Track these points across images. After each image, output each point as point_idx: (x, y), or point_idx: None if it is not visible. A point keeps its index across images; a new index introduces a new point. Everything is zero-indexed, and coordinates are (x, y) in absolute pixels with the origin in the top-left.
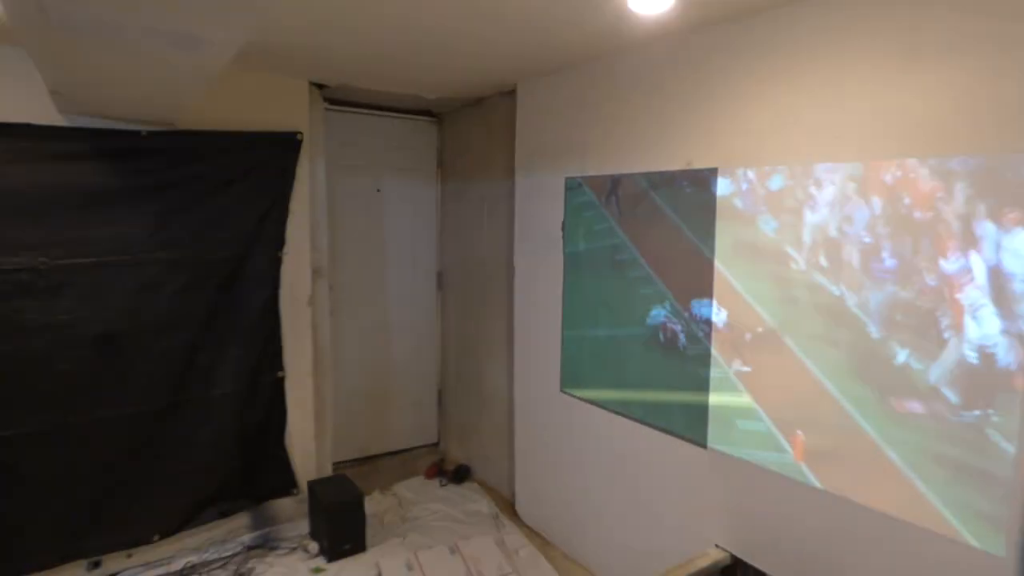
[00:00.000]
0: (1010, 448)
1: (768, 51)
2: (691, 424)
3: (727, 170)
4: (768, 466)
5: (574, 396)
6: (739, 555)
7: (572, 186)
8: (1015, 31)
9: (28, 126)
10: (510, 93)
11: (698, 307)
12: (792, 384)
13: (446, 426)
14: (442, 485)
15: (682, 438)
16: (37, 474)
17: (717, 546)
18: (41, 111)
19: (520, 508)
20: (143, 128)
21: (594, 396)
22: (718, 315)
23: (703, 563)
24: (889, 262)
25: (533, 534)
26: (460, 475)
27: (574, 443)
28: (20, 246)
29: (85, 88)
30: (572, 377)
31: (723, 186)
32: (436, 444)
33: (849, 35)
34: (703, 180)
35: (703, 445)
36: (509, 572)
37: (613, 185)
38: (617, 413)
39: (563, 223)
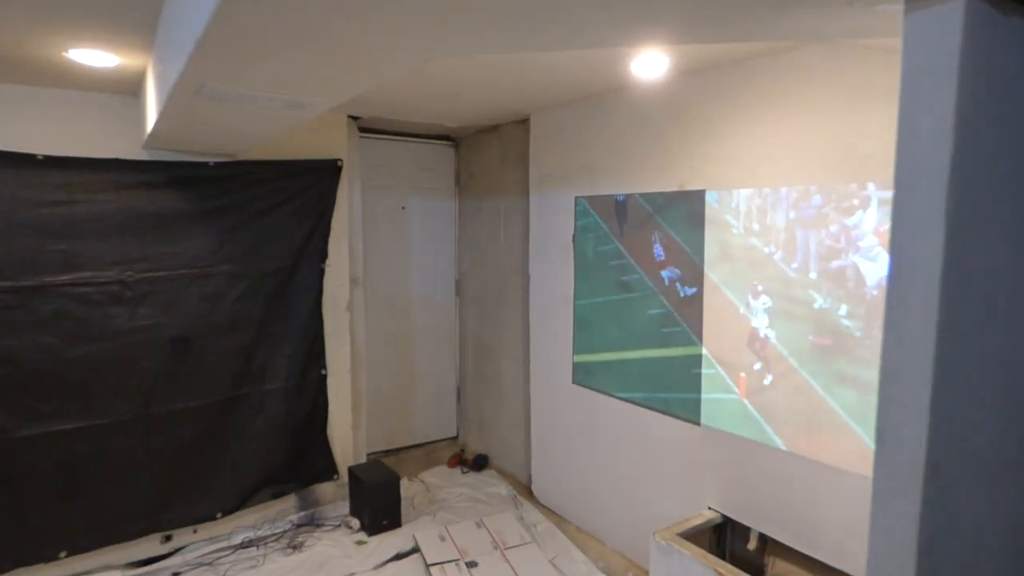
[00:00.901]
0: None
1: (745, 93)
2: (686, 406)
3: (712, 190)
4: (749, 435)
5: (585, 387)
6: (728, 514)
7: (581, 204)
8: None
9: (117, 160)
10: (523, 121)
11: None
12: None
13: (465, 420)
14: (464, 473)
15: (679, 418)
16: (124, 457)
17: (710, 508)
18: (126, 147)
19: (536, 490)
20: (210, 159)
21: (602, 368)
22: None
23: (697, 522)
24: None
25: (549, 512)
26: (480, 463)
27: (585, 429)
28: (110, 261)
29: (186, 133)
30: (583, 369)
31: (710, 200)
32: (455, 437)
33: (809, 83)
34: (694, 198)
35: (697, 423)
36: (529, 541)
37: (617, 204)
38: (622, 400)
39: (573, 236)
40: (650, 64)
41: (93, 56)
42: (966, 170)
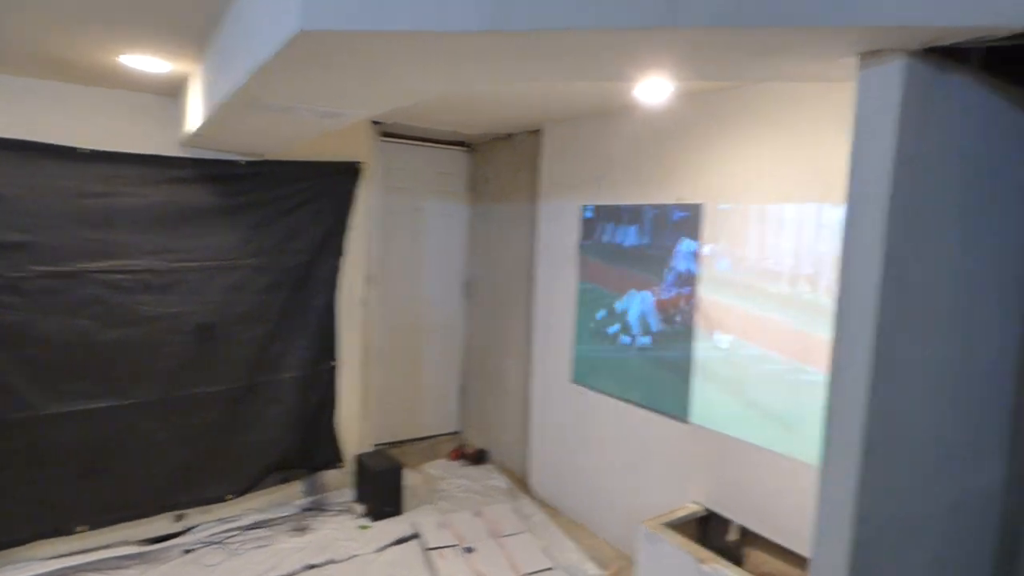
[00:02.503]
0: None
1: (740, 117)
2: (676, 404)
3: (708, 204)
4: (734, 433)
5: (583, 386)
6: (711, 507)
7: (588, 212)
8: None
9: (156, 157)
10: (535, 132)
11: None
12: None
13: (466, 416)
14: (464, 466)
15: (669, 416)
16: (145, 437)
17: (694, 502)
18: (163, 144)
19: (533, 483)
20: (241, 158)
21: (599, 383)
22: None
23: (681, 513)
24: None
25: (544, 505)
26: (479, 458)
27: (581, 426)
28: (143, 251)
29: (225, 135)
30: (582, 370)
31: (706, 211)
32: (457, 432)
33: (798, 109)
34: (691, 209)
35: (685, 421)
36: (524, 530)
37: (619, 213)
38: (617, 398)
39: (579, 243)
40: (653, 89)
41: (145, 62)
42: (905, 199)
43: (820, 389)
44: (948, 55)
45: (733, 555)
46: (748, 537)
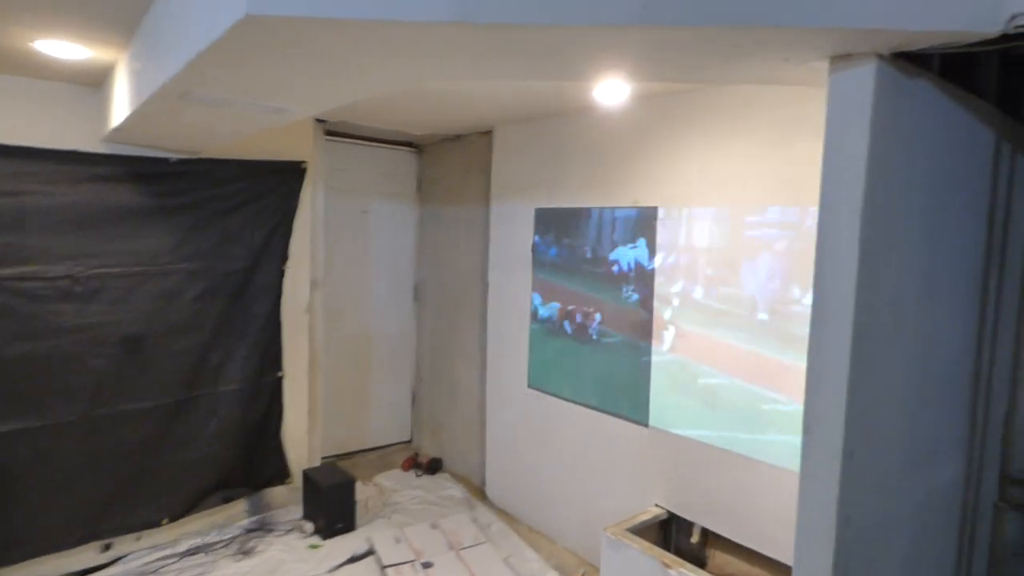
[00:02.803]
0: None
1: (693, 119)
2: (636, 408)
3: (663, 207)
4: (694, 435)
5: (540, 391)
6: (673, 510)
7: (541, 215)
8: None
9: (73, 152)
10: (486, 133)
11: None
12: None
13: (419, 423)
14: (418, 476)
15: (629, 420)
16: (62, 461)
17: (656, 505)
18: (83, 139)
19: (490, 492)
20: (172, 155)
21: (557, 372)
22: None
23: (644, 518)
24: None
25: (502, 513)
26: (434, 467)
27: (539, 432)
28: (62, 256)
29: (154, 129)
30: (539, 375)
31: (661, 215)
32: (409, 441)
33: (749, 113)
34: (646, 212)
35: (645, 424)
36: (484, 541)
37: (573, 215)
38: (576, 403)
39: (532, 246)
40: (611, 91)
41: (63, 48)
42: (877, 201)
43: (773, 403)
44: (911, 60)
45: (696, 557)
46: (710, 539)
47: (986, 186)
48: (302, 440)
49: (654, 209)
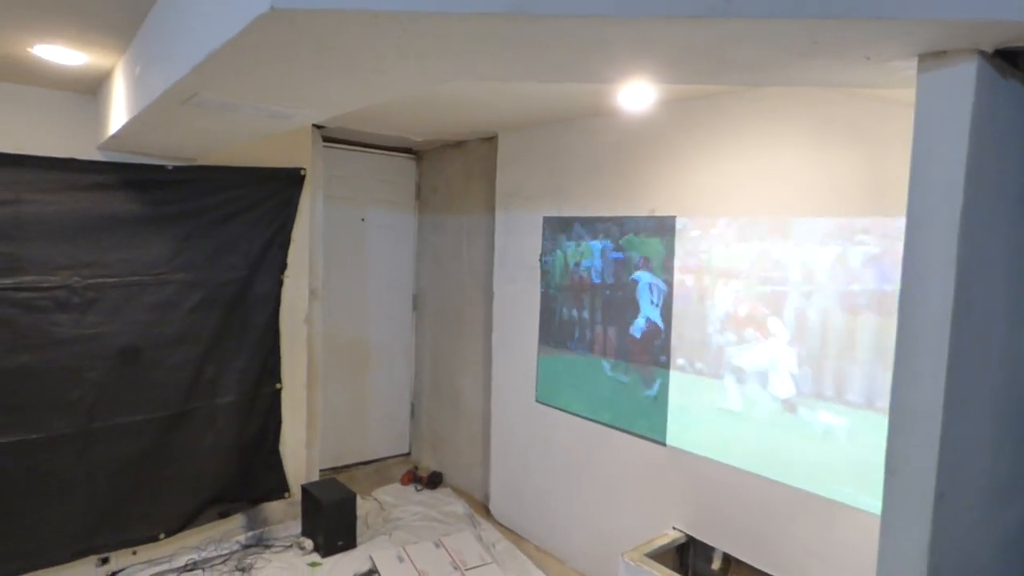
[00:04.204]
0: None
1: (716, 127)
2: (653, 426)
3: (682, 217)
4: (715, 456)
5: (549, 405)
6: (692, 534)
7: (550, 224)
8: (887, 129)
9: (70, 160)
10: (490, 139)
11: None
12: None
13: (418, 437)
14: (418, 490)
15: (645, 438)
16: (59, 475)
17: (674, 528)
18: (80, 147)
19: (494, 508)
20: (169, 163)
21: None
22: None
23: (662, 542)
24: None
25: (507, 531)
26: (434, 481)
27: (548, 448)
28: (58, 266)
29: (152, 136)
30: (548, 389)
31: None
32: (408, 454)
33: (776, 121)
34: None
35: (663, 443)
36: (489, 561)
37: (584, 225)
38: (588, 419)
39: (540, 256)
40: (637, 95)
41: (60, 53)
42: (975, 216)
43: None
44: (1005, 58)
45: None
46: (732, 565)
47: None
48: (300, 453)
49: (672, 219)
